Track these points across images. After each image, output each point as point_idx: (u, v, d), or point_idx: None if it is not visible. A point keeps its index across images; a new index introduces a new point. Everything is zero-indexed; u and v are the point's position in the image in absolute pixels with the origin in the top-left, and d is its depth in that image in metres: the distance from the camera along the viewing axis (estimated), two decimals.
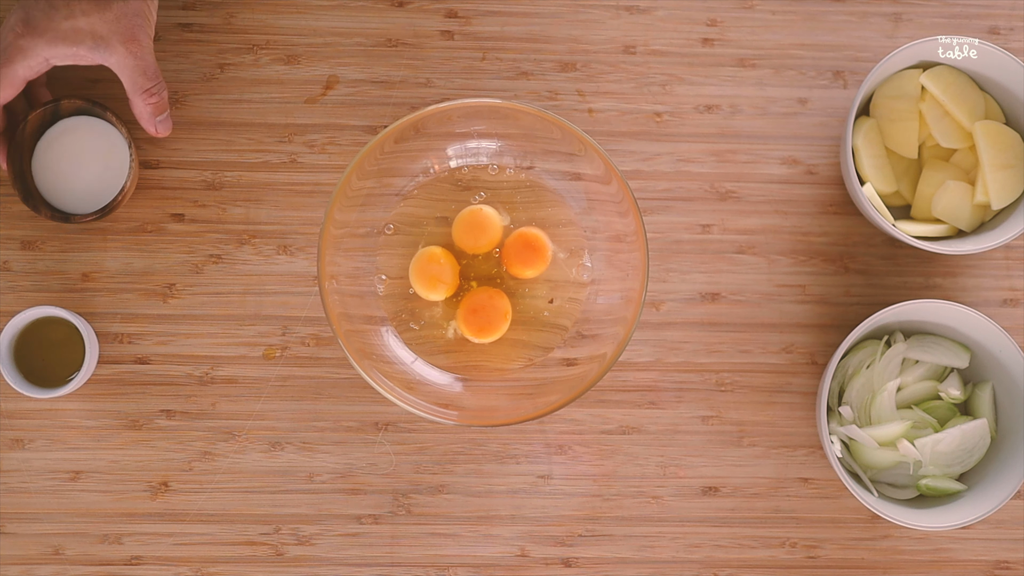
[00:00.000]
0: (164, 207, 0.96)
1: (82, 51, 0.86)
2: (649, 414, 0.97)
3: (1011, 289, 0.99)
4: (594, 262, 0.95)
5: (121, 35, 0.86)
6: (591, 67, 0.98)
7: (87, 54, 0.86)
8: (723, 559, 0.97)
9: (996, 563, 0.97)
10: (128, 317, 0.96)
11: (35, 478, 0.95)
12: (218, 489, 0.95)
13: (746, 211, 0.98)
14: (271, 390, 0.96)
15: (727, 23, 0.99)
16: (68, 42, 0.85)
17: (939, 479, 0.93)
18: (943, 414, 0.95)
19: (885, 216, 0.93)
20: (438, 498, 0.96)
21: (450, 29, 0.98)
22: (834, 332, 0.98)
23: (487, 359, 0.95)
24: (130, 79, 0.88)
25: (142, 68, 0.88)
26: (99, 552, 0.95)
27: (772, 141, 0.98)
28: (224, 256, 0.96)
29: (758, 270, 0.98)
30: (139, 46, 0.87)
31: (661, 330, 0.97)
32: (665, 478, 0.97)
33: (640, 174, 0.98)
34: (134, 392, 0.95)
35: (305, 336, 0.96)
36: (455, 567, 0.96)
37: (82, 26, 0.85)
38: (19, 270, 0.96)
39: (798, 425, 0.97)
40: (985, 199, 0.93)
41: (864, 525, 0.97)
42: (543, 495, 0.96)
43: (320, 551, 0.95)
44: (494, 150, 0.95)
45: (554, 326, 0.95)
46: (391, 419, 0.96)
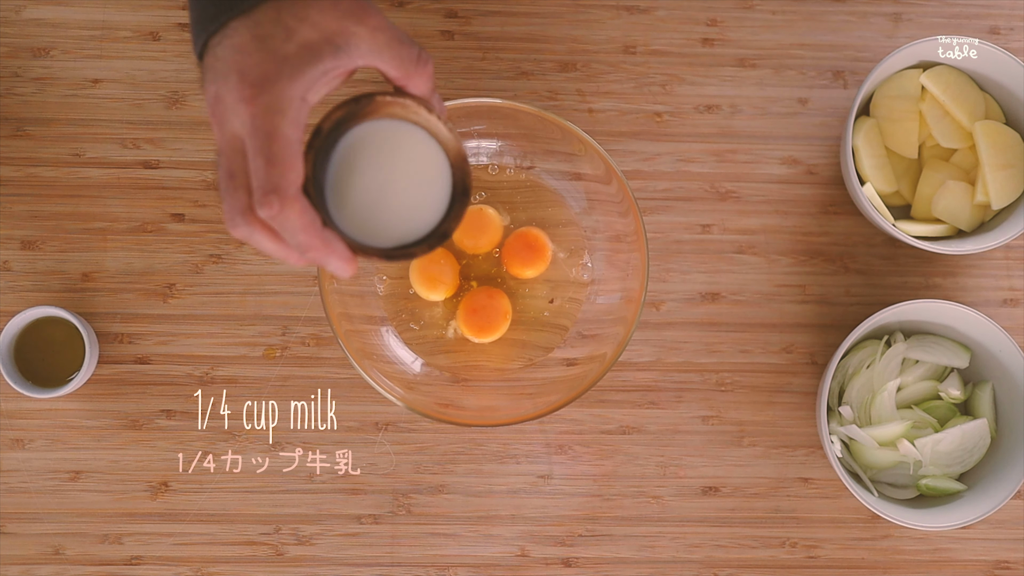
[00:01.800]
0: (164, 207, 0.96)
1: (328, 63, 0.63)
2: (649, 414, 0.97)
3: (1011, 289, 0.99)
4: (594, 262, 0.95)
5: (354, 16, 0.63)
6: (591, 67, 0.98)
7: (334, 63, 0.63)
8: (723, 559, 0.97)
9: (996, 563, 0.97)
10: (128, 317, 0.96)
11: (35, 478, 0.95)
12: (218, 489, 0.95)
13: (746, 211, 0.98)
14: (271, 390, 0.96)
15: (727, 23, 0.99)
16: (309, 62, 0.62)
17: (939, 479, 0.93)
18: (943, 414, 0.95)
19: (885, 216, 0.93)
20: (438, 498, 0.96)
21: (450, 29, 0.98)
22: (834, 332, 0.98)
23: (487, 359, 0.95)
24: (394, 56, 0.65)
25: (397, 37, 0.65)
26: (99, 552, 0.95)
27: (772, 141, 0.98)
28: (224, 256, 0.96)
29: (758, 270, 0.98)
30: (377, 17, 0.64)
31: (661, 330, 0.97)
32: (665, 478, 0.97)
33: (640, 174, 0.98)
34: (134, 392, 0.95)
35: (305, 336, 0.96)
36: (455, 567, 0.96)
37: (310, 35, 0.62)
38: (19, 270, 0.96)
39: (798, 425, 0.97)
40: (985, 199, 0.93)
41: (864, 525, 0.97)
42: (543, 495, 0.96)
43: (320, 551, 0.95)
44: (494, 150, 0.95)
45: (554, 326, 0.95)
46: (391, 419, 0.96)
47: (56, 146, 0.96)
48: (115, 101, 0.96)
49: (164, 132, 0.96)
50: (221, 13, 0.63)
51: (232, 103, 0.62)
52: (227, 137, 0.62)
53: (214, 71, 0.63)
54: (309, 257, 0.64)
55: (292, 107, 0.62)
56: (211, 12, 0.63)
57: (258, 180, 0.61)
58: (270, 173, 0.61)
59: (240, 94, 0.61)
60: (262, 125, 0.61)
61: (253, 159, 0.61)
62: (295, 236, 0.63)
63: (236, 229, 0.63)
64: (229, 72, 0.62)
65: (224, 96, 0.62)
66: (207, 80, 0.63)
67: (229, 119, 0.62)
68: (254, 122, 0.61)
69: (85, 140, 0.96)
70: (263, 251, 0.64)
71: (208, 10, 0.63)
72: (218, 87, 0.62)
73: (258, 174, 0.61)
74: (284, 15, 0.62)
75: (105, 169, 0.96)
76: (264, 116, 0.61)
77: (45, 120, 0.96)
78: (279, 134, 0.61)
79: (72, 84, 0.96)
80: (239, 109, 0.61)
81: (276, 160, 0.61)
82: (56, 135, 0.96)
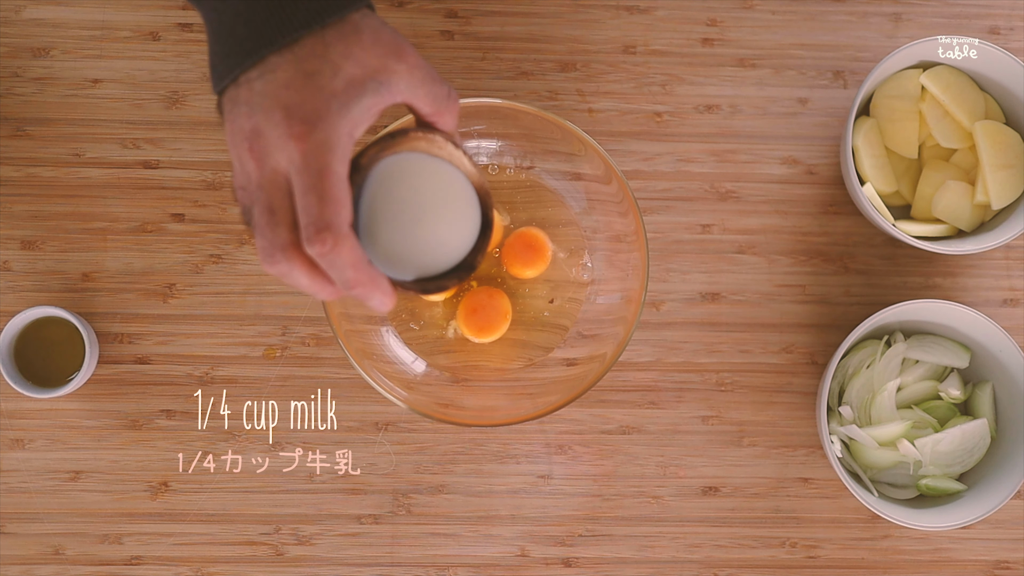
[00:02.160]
0: (164, 207, 0.96)
1: (371, 99, 0.63)
2: (649, 414, 0.97)
3: (1011, 289, 0.99)
4: (594, 262, 0.95)
5: (394, 54, 0.64)
6: (591, 67, 0.98)
7: (376, 100, 0.63)
8: (723, 559, 0.97)
9: (996, 563, 0.97)
10: (128, 317, 0.96)
11: (35, 478, 0.95)
12: (218, 489, 0.95)
13: (746, 211, 0.98)
14: (271, 390, 0.96)
15: (727, 23, 0.99)
16: (355, 99, 0.62)
17: (939, 479, 0.93)
18: (943, 414, 0.95)
19: (885, 216, 0.93)
20: (438, 498, 0.96)
21: (450, 29, 0.98)
22: (834, 332, 0.98)
23: (487, 359, 0.95)
24: (427, 93, 0.66)
25: (431, 75, 0.66)
26: (99, 552, 0.95)
27: (772, 141, 0.98)
28: (224, 256, 0.96)
29: (758, 270, 0.98)
30: (415, 55, 0.65)
31: (661, 330, 0.97)
32: (665, 478, 0.97)
33: (640, 174, 0.98)
34: (134, 392, 0.95)
35: (305, 336, 0.96)
36: (455, 567, 0.96)
37: (355, 72, 0.62)
38: (19, 270, 0.96)
39: (798, 425, 0.97)
40: (985, 199, 0.93)
41: (864, 525, 0.97)
42: (543, 495, 0.96)
43: (320, 551, 0.95)
44: (494, 150, 0.95)
45: (554, 326, 0.95)
46: (391, 419, 0.96)
47: (56, 146, 0.96)
48: (115, 101, 0.96)
49: (164, 132, 0.96)
50: (261, 46, 0.62)
51: (278, 139, 0.61)
52: (267, 172, 0.62)
53: (251, 105, 0.62)
54: (354, 292, 0.64)
55: (342, 144, 0.61)
56: (247, 46, 0.62)
57: (310, 217, 0.61)
58: (323, 210, 0.60)
59: (289, 131, 0.61)
60: (314, 162, 0.61)
61: (303, 196, 0.61)
62: (343, 272, 0.62)
63: (275, 265, 0.62)
64: (273, 108, 0.61)
65: (267, 131, 0.61)
66: (239, 114, 0.62)
67: (272, 154, 0.61)
68: (305, 159, 0.61)
69: (85, 140, 0.96)
70: (295, 285, 0.64)
71: (244, 44, 0.62)
72: (257, 121, 0.62)
73: (310, 211, 0.61)
74: (331, 52, 0.62)
75: (105, 169, 0.96)
76: (316, 153, 0.61)
77: (45, 120, 0.96)
78: (331, 171, 0.61)
79: (72, 84, 0.96)
80: (288, 146, 0.61)
81: (329, 198, 0.61)
82: (56, 135, 0.96)
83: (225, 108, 0.64)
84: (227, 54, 0.63)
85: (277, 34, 0.62)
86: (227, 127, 0.63)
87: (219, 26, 0.64)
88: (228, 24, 0.63)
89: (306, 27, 0.62)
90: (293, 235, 0.62)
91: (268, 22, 0.62)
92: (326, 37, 0.62)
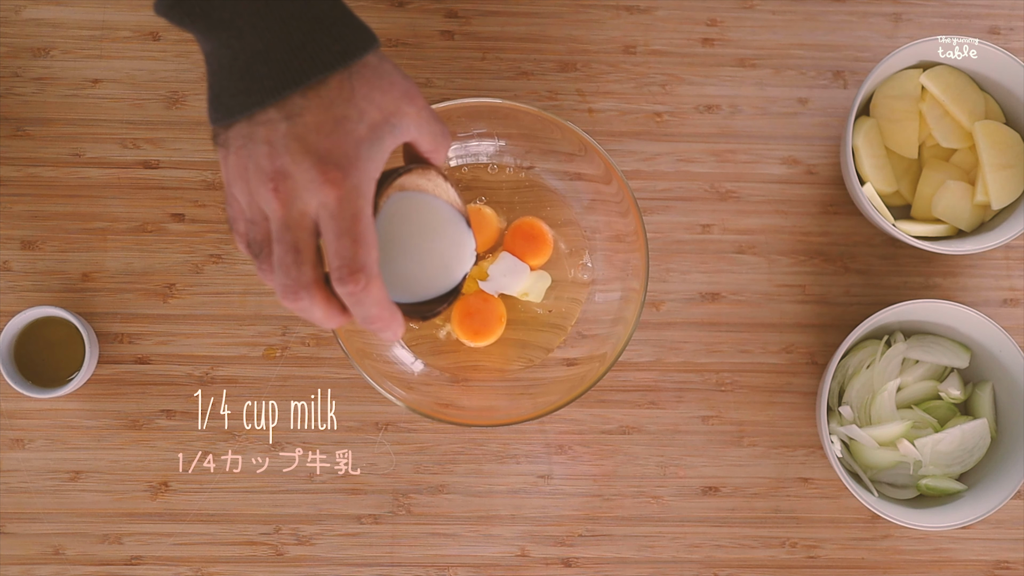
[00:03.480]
0: (164, 207, 0.96)
1: (388, 143, 0.65)
2: (649, 414, 0.97)
3: (1011, 289, 0.99)
4: (594, 262, 0.95)
5: (406, 97, 0.66)
6: (591, 67, 0.98)
7: (392, 142, 0.66)
8: (723, 559, 0.97)
9: (996, 563, 0.97)
10: (128, 317, 0.96)
11: (35, 478, 0.95)
12: (218, 489, 0.95)
13: (746, 211, 0.98)
14: (271, 390, 0.96)
15: (727, 23, 0.99)
16: (377, 144, 0.64)
17: (939, 479, 0.93)
18: (943, 414, 0.95)
19: (885, 216, 0.93)
20: (438, 498, 0.96)
21: (450, 29, 0.98)
22: (834, 332, 0.98)
23: (487, 359, 0.95)
24: (430, 132, 0.69)
25: (432, 115, 0.69)
26: (99, 552, 0.95)
27: (772, 141, 0.98)
28: (224, 256, 0.96)
29: (758, 270, 0.98)
30: (420, 97, 0.68)
31: (661, 330, 0.97)
32: (665, 478, 0.97)
33: (640, 174, 0.98)
34: (134, 392, 0.95)
35: (305, 336, 0.96)
36: (455, 567, 0.96)
37: (376, 117, 0.65)
38: (19, 270, 0.96)
39: (798, 425, 0.97)
40: (985, 199, 0.93)
41: (864, 525, 0.97)
42: (543, 495, 0.96)
43: (320, 551, 0.95)
44: (494, 150, 0.95)
45: (554, 326, 0.95)
46: (391, 419, 0.96)
47: (56, 146, 0.96)
48: (115, 101, 0.96)
49: (164, 132, 0.96)
50: (283, 87, 0.63)
51: (310, 183, 0.62)
52: (295, 214, 0.63)
53: (273, 145, 0.63)
54: (372, 327, 0.67)
55: (370, 188, 0.64)
56: (268, 85, 0.63)
57: (343, 259, 0.63)
58: (358, 252, 0.63)
59: (324, 176, 0.62)
60: (349, 208, 0.63)
61: (338, 239, 0.63)
62: (369, 309, 0.65)
63: (297, 302, 0.65)
64: (304, 152, 0.63)
65: (296, 175, 0.63)
66: (258, 153, 0.63)
67: (302, 197, 0.63)
68: (341, 204, 0.63)
69: (85, 140, 0.96)
70: (308, 318, 0.66)
71: (264, 82, 0.63)
72: (283, 163, 0.63)
73: (344, 253, 0.63)
74: (356, 96, 0.64)
75: (105, 169, 0.96)
76: (351, 199, 0.63)
77: (45, 120, 0.96)
78: (363, 215, 0.63)
79: (72, 84, 0.96)
80: (323, 191, 0.62)
81: (362, 240, 0.63)
82: (56, 135, 0.96)
83: (233, 143, 0.64)
84: (241, 91, 0.64)
85: (302, 75, 0.63)
86: (233, 162, 0.64)
87: (232, 62, 0.64)
88: (244, 61, 0.64)
89: (332, 68, 0.63)
90: (316, 272, 0.64)
91: (291, 63, 0.63)
92: (352, 79, 0.64)
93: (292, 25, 0.63)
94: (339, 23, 0.64)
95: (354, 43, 0.64)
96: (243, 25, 0.64)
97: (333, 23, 0.64)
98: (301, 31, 0.63)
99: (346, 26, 0.65)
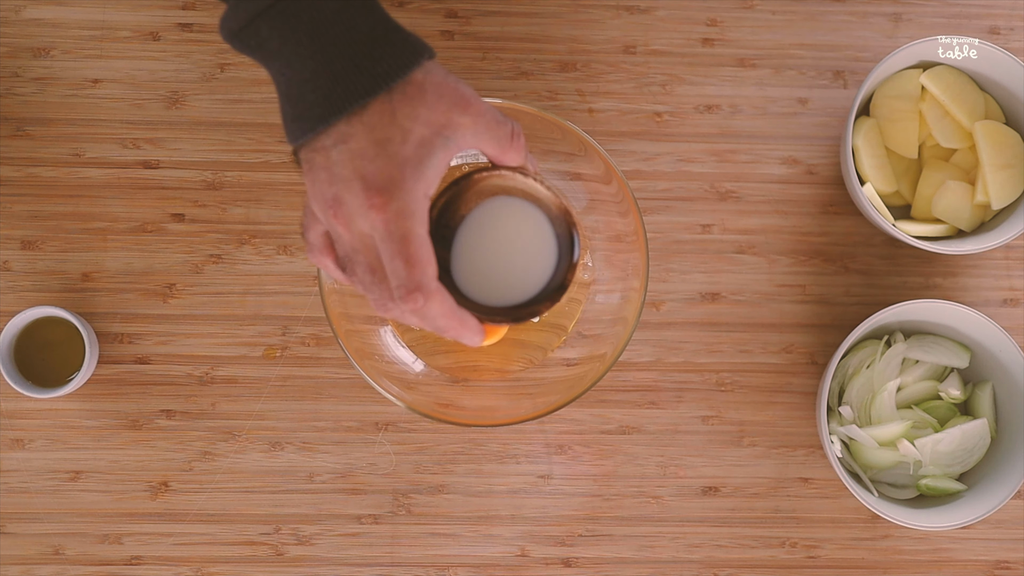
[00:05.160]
0: (164, 207, 0.96)
1: (440, 156, 0.65)
2: (649, 414, 0.97)
3: (1011, 289, 0.99)
4: (594, 262, 0.95)
5: (458, 107, 0.65)
6: (591, 67, 0.98)
7: (446, 156, 0.65)
8: (723, 559, 0.97)
9: (996, 563, 0.97)
10: (128, 317, 0.96)
11: (35, 478, 0.95)
12: (218, 489, 0.95)
13: (746, 211, 0.98)
14: (271, 390, 0.96)
15: (727, 23, 0.99)
16: (426, 160, 0.64)
17: (939, 479, 0.93)
18: (943, 414, 0.95)
19: (885, 216, 0.93)
20: (438, 498, 0.96)
21: (450, 29, 0.98)
22: (834, 332, 0.98)
23: (487, 359, 0.95)
24: (492, 138, 0.68)
25: (495, 119, 0.68)
26: (99, 552, 0.95)
27: (772, 141, 0.98)
28: (224, 256, 0.96)
29: (758, 270, 0.98)
30: (477, 103, 0.66)
31: (661, 330, 0.97)
32: (665, 478, 0.97)
33: (640, 174, 0.98)
34: (134, 392, 0.95)
35: (305, 336, 0.96)
36: (455, 567, 0.96)
37: (423, 133, 0.64)
38: (19, 270, 0.96)
39: (798, 425, 0.97)
40: (985, 199, 0.93)
41: (864, 525, 0.97)
42: (543, 495, 0.96)
43: (320, 551, 0.95)
44: None
45: (554, 326, 0.95)
46: (391, 419, 0.96)
47: (56, 146, 0.96)
48: (115, 101, 0.96)
49: (164, 132, 0.96)
50: (330, 115, 0.64)
51: (358, 208, 0.64)
52: (357, 237, 0.65)
53: (330, 172, 0.64)
54: (447, 335, 0.69)
55: (420, 207, 0.64)
56: (317, 113, 0.64)
57: (399, 279, 0.65)
58: (411, 273, 0.64)
59: (368, 201, 0.63)
60: (396, 230, 0.64)
61: (390, 261, 0.64)
62: (436, 321, 0.67)
63: (389, 312, 0.67)
64: (352, 178, 0.64)
65: (348, 200, 0.64)
66: (320, 179, 0.65)
67: (356, 221, 0.64)
68: (387, 228, 0.64)
69: (85, 140, 0.96)
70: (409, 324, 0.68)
71: (314, 110, 0.64)
72: (338, 190, 0.64)
73: (398, 274, 0.64)
74: (398, 116, 0.64)
75: (105, 169, 0.96)
76: (396, 221, 0.63)
77: (45, 120, 0.96)
78: (413, 236, 0.64)
79: (72, 84, 0.96)
80: (370, 215, 0.63)
81: (414, 261, 0.64)
82: (56, 135, 0.96)
83: (304, 168, 0.66)
84: (298, 117, 0.65)
85: (344, 102, 0.63)
86: (308, 188, 0.66)
87: (287, 89, 0.65)
88: (296, 89, 0.65)
89: (371, 94, 0.63)
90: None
91: (335, 90, 0.63)
92: (393, 101, 0.64)
93: (332, 52, 0.64)
94: (380, 43, 0.64)
95: (396, 63, 0.64)
96: (289, 54, 0.64)
97: (374, 44, 0.64)
98: (342, 57, 0.63)
99: (388, 44, 0.65)
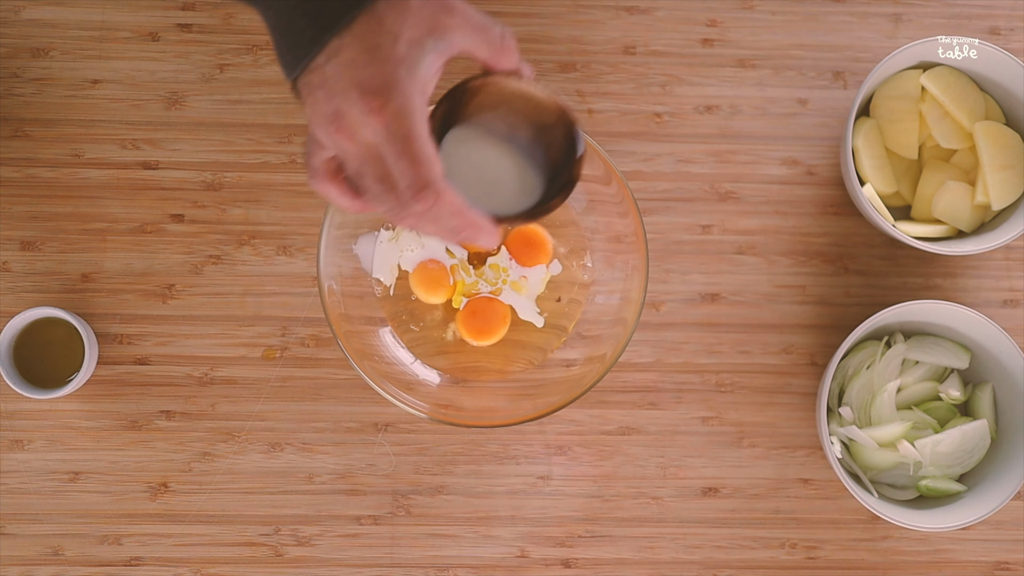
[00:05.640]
0: (164, 207, 0.96)
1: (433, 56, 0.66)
2: (649, 415, 0.97)
3: (1011, 290, 0.99)
4: (594, 262, 0.95)
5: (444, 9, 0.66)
6: (591, 67, 0.98)
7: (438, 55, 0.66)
8: (723, 560, 0.97)
9: (996, 564, 0.97)
10: (128, 318, 0.96)
11: (35, 479, 0.95)
12: (218, 490, 0.95)
13: (746, 211, 0.98)
14: (271, 391, 0.96)
15: (727, 23, 0.99)
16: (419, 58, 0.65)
17: (939, 480, 0.93)
18: (943, 415, 0.95)
19: (885, 216, 0.93)
20: (438, 499, 0.96)
21: None
22: (834, 333, 0.98)
23: (487, 360, 0.95)
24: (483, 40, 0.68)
25: (483, 22, 0.68)
26: (99, 553, 0.95)
27: (772, 141, 0.98)
28: (224, 257, 0.96)
29: (758, 271, 0.98)
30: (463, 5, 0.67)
31: (661, 331, 0.97)
32: (665, 479, 0.97)
33: (640, 174, 0.98)
34: (134, 392, 0.95)
35: (305, 337, 0.96)
36: (455, 568, 0.96)
37: (413, 35, 0.65)
38: (19, 270, 0.96)
39: (798, 426, 0.97)
40: (985, 199, 0.93)
41: (864, 526, 0.97)
42: (543, 496, 0.96)
43: (320, 552, 0.95)
44: None
45: (554, 327, 0.95)
46: (391, 420, 0.96)
47: (56, 146, 0.96)
48: (114, 102, 0.96)
49: (163, 133, 0.96)
50: (322, 33, 0.65)
51: (359, 115, 0.64)
52: (362, 148, 0.65)
53: (327, 89, 0.65)
54: (461, 237, 0.68)
55: (417, 106, 0.64)
56: (309, 35, 0.65)
57: (407, 180, 0.64)
58: (418, 171, 0.64)
59: (367, 106, 0.63)
60: (397, 130, 0.64)
61: (396, 163, 0.64)
62: (448, 222, 0.66)
63: (405, 220, 0.66)
64: (348, 88, 0.64)
65: (347, 111, 0.64)
66: (318, 98, 0.65)
67: (360, 131, 0.64)
68: (388, 129, 0.64)
69: (85, 140, 0.96)
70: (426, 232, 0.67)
71: (305, 34, 0.65)
72: (337, 104, 0.64)
73: (406, 174, 0.64)
74: (386, 23, 0.64)
75: (105, 170, 0.96)
76: (396, 121, 0.63)
77: (45, 120, 0.96)
78: (415, 134, 0.64)
79: (71, 84, 0.96)
80: (370, 121, 0.64)
81: (419, 159, 0.64)
82: (56, 135, 0.96)
83: (303, 95, 0.66)
84: (292, 46, 0.66)
85: (334, 19, 0.64)
86: (309, 112, 0.66)
87: (278, 21, 0.66)
88: (287, 18, 0.66)
89: (358, 6, 0.64)
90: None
91: (323, 9, 0.64)
92: (378, 11, 0.65)
93: None
94: None
95: None
96: None
97: None
98: None
99: None
